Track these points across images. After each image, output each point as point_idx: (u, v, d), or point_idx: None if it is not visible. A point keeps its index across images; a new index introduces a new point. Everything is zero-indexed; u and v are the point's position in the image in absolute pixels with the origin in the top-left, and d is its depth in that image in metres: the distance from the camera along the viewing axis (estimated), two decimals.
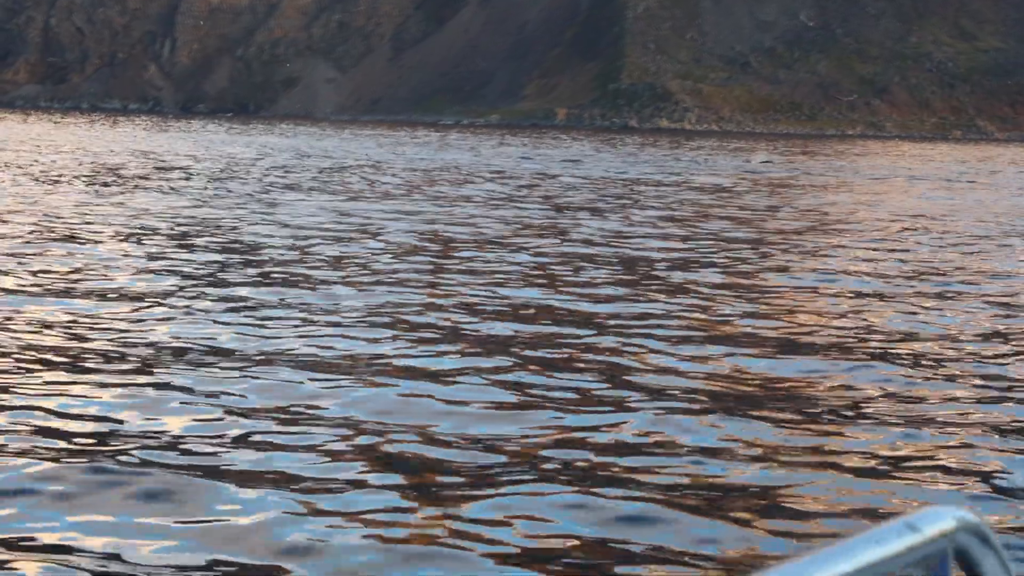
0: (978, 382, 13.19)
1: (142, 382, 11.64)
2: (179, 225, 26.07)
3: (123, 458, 9.26)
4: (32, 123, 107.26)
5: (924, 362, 14.13)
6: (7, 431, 9.89)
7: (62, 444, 9.61)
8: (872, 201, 39.03)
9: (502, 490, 8.87)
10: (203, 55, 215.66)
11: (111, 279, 17.63)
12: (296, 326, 14.60)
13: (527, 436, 10.25)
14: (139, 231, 24.46)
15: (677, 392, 12.05)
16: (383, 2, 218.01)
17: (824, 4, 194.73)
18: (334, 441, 9.89)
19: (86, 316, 14.71)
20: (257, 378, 11.82)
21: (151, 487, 8.64)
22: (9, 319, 14.53)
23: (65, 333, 13.75)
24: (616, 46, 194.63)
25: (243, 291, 16.87)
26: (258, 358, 12.72)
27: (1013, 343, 15.56)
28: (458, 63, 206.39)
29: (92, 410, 10.63)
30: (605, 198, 38.54)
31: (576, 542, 8.05)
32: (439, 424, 10.52)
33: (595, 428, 10.64)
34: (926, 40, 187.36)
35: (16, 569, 7.17)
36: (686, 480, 9.31)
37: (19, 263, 18.71)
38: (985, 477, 9.72)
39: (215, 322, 14.76)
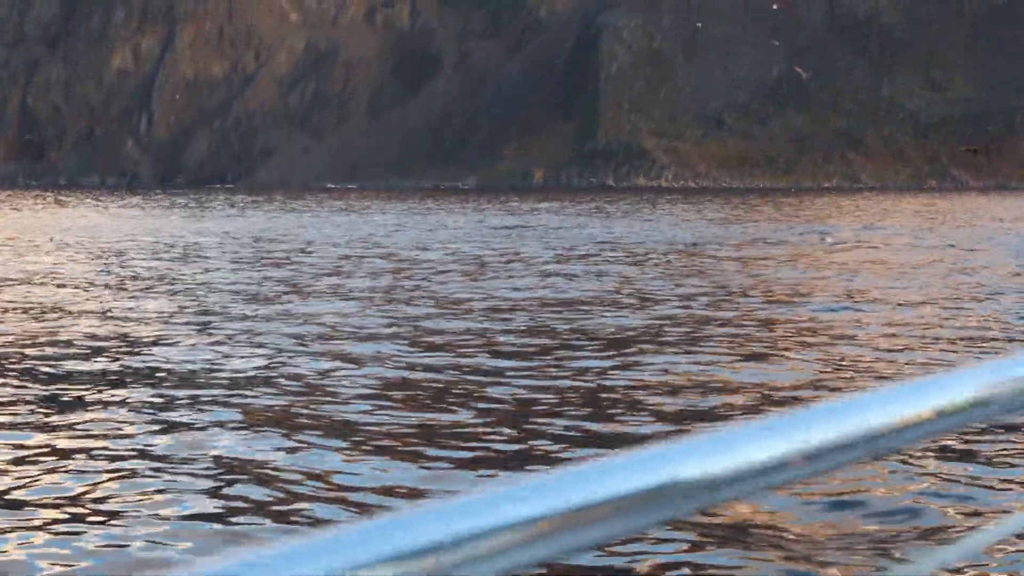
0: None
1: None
2: None
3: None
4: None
5: None
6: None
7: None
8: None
9: None
10: (180, 128, 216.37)
11: None
12: None
13: None
14: None
15: None
16: (358, 69, 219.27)
17: (796, 58, 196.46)
18: None
19: None
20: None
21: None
22: None
23: None
24: (591, 106, 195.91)
25: None
26: None
27: None
28: (435, 127, 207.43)
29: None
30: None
31: None
32: None
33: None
34: (898, 91, 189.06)
35: None
36: None
37: None
38: None
39: None
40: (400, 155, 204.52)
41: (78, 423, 13.24)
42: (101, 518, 9.77)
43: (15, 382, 15.82)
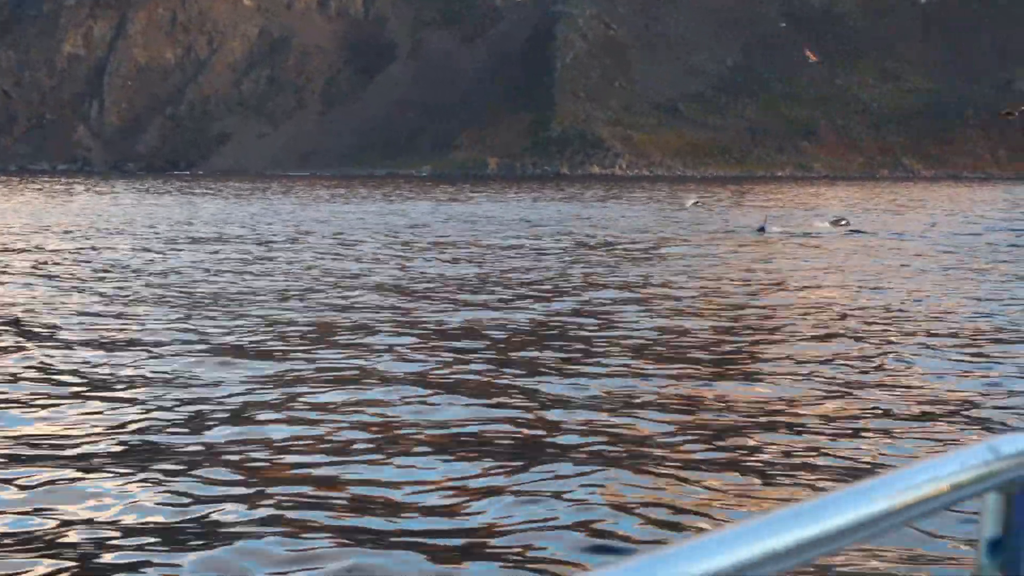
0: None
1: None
2: None
3: None
4: None
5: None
6: None
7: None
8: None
9: None
10: (132, 114, 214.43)
11: None
12: None
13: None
14: None
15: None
16: (312, 57, 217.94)
17: (751, 49, 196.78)
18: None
19: None
20: None
21: None
22: None
23: None
24: (547, 95, 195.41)
25: None
26: None
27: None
28: (390, 116, 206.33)
29: None
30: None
31: None
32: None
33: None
34: (853, 82, 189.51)
35: None
36: None
37: None
38: None
39: None
40: (355, 143, 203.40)
41: None
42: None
43: None
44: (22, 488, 8.95)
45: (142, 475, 9.21)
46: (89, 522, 8.28)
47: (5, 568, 7.31)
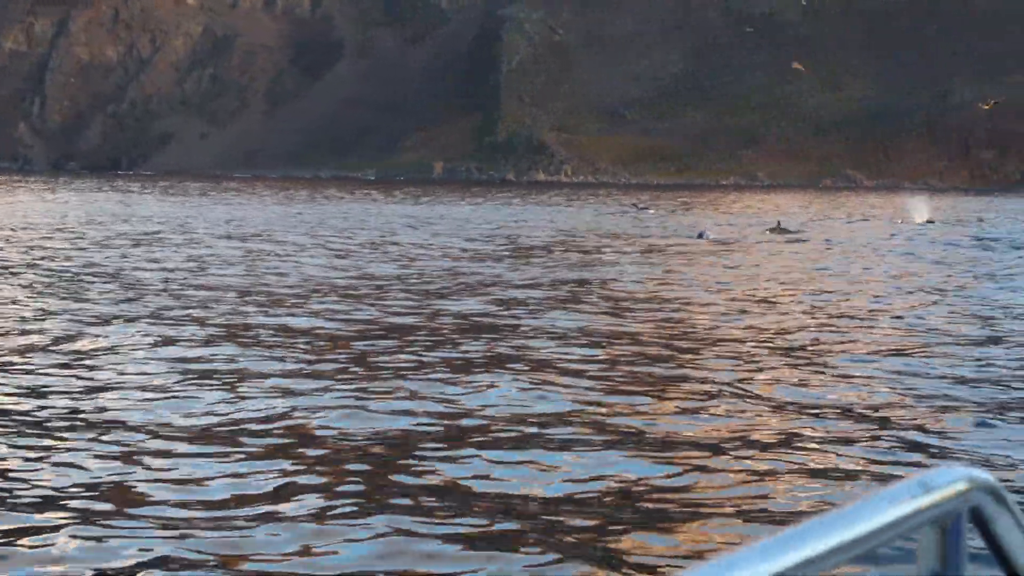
0: None
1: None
2: None
3: None
4: None
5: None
6: None
7: None
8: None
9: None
10: (74, 112, 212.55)
11: None
12: None
13: None
14: None
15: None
16: (257, 56, 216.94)
17: (696, 54, 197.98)
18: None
19: None
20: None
21: None
22: None
23: None
24: (492, 99, 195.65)
25: None
26: None
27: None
28: (335, 117, 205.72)
29: None
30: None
31: None
32: None
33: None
34: (797, 90, 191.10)
35: None
36: None
37: None
38: None
39: None
40: (299, 144, 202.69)
41: None
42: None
43: None
44: None
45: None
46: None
47: None
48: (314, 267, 30.63)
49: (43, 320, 19.16)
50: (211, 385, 14.45)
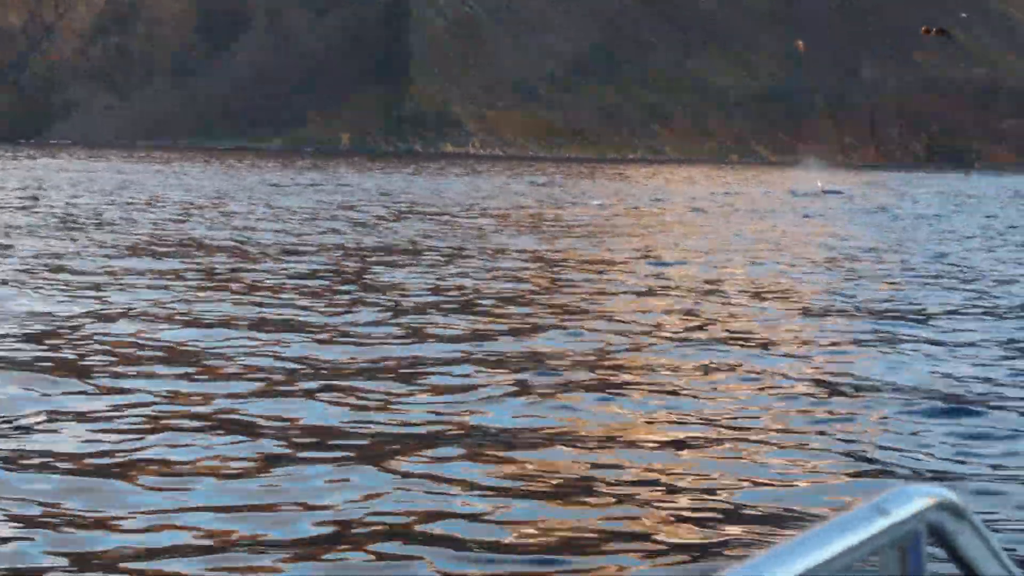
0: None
1: None
2: None
3: None
4: None
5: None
6: None
7: None
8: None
9: None
10: None
11: None
12: None
13: None
14: None
15: None
16: (163, 26, 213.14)
17: (607, 30, 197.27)
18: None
19: None
20: None
21: None
22: None
23: None
24: (402, 72, 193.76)
25: None
26: None
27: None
28: (242, 88, 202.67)
29: None
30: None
31: None
32: None
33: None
34: (705, 68, 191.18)
35: None
36: None
37: None
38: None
39: None
40: (206, 115, 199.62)
41: None
42: None
43: None
44: None
45: None
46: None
47: None
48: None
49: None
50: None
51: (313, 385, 11.63)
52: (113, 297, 17.19)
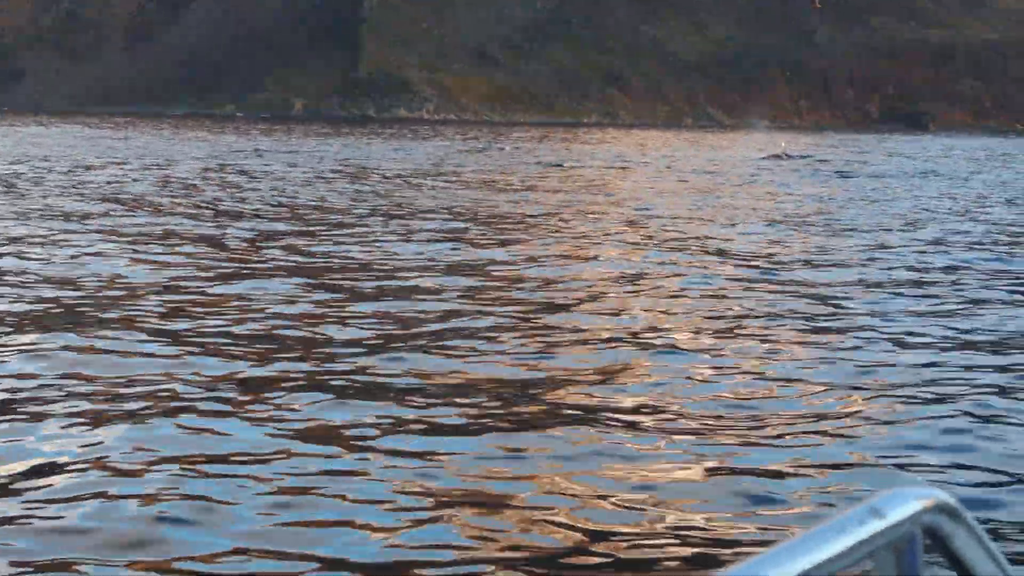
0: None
1: None
2: None
3: None
4: None
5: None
6: None
7: None
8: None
9: None
10: None
11: None
12: None
13: None
14: None
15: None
16: None
17: None
18: None
19: None
20: None
21: None
22: None
23: None
24: (356, 36, 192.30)
25: None
26: None
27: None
28: (195, 53, 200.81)
29: None
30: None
31: None
32: None
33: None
34: (661, 31, 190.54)
35: None
36: None
37: None
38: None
39: None
40: (158, 82, 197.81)
41: None
42: None
43: None
44: None
45: None
46: None
47: None
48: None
49: None
50: None
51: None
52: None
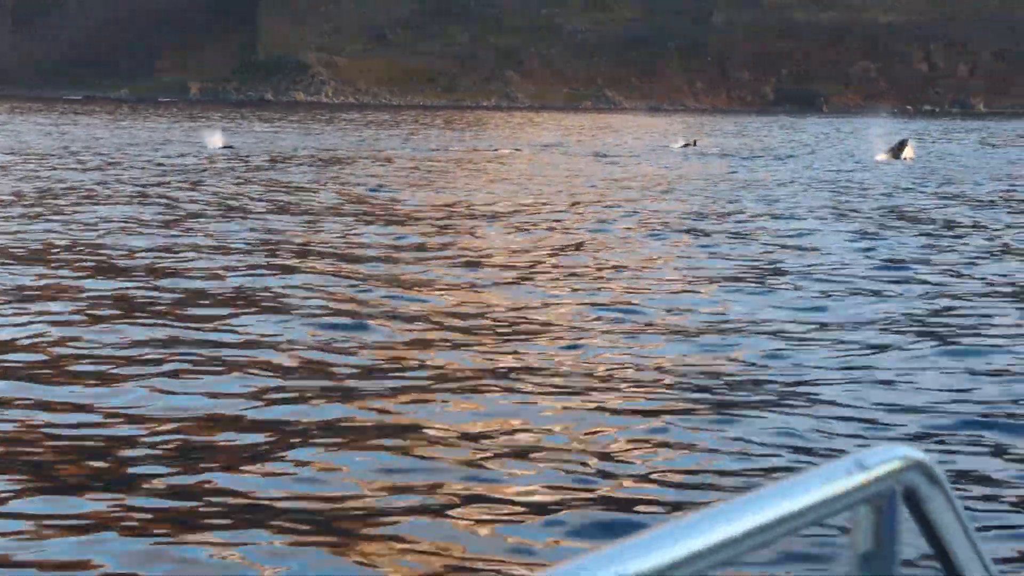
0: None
1: None
2: None
3: None
4: None
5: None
6: None
7: None
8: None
9: None
10: None
11: None
12: None
13: None
14: None
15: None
16: None
17: None
18: None
19: None
20: None
21: None
22: None
23: None
24: (252, 18, 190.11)
25: None
26: None
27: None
28: (87, 35, 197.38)
29: None
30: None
31: None
32: None
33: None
34: (561, 11, 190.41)
35: None
36: None
37: None
38: None
39: None
40: (50, 64, 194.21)
41: None
42: None
43: None
44: None
45: None
46: None
47: None
48: None
49: None
50: None
51: None
52: None
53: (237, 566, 7.25)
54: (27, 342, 12.98)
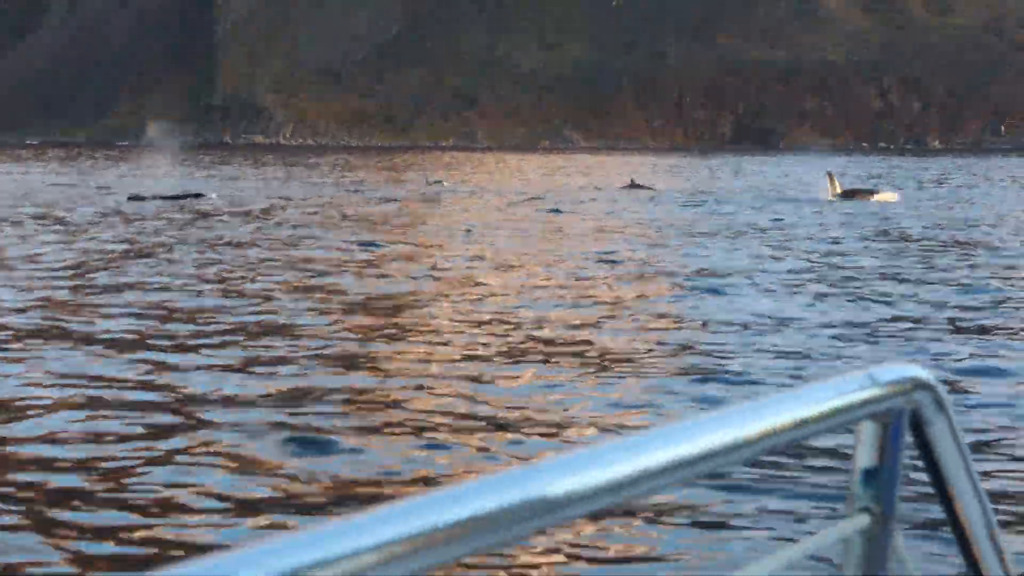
0: None
1: None
2: None
3: None
4: None
5: None
6: None
7: None
8: None
9: None
10: None
11: None
12: None
13: None
14: None
15: None
16: None
17: (415, 13, 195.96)
18: None
19: None
20: None
21: None
22: None
23: None
24: (208, 60, 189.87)
25: None
26: None
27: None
28: (42, 79, 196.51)
29: None
30: None
31: None
32: None
33: None
34: (514, 50, 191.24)
35: None
36: None
37: None
38: None
39: None
40: (5, 107, 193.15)
41: None
42: None
43: None
44: None
45: None
46: None
47: None
48: None
49: None
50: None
51: None
52: None
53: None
54: None
